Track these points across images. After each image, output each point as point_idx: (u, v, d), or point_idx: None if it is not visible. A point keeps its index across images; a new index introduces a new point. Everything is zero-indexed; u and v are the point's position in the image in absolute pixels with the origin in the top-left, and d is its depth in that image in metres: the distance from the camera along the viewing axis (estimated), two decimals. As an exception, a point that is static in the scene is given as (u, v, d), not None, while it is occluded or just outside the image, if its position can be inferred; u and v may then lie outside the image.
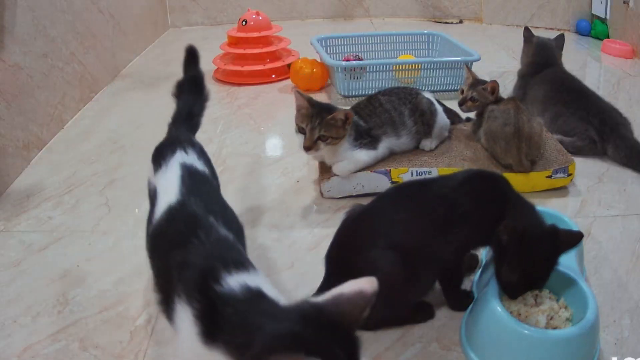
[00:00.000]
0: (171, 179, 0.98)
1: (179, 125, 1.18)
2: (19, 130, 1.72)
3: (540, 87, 1.89)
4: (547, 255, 0.98)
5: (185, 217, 0.89)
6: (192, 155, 1.06)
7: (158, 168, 1.04)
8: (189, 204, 0.92)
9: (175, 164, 1.02)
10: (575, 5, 3.09)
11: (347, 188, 1.50)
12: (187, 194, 0.94)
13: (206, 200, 0.94)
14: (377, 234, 1.02)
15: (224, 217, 0.92)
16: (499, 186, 1.05)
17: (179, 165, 1.01)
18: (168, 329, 1.09)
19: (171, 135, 1.16)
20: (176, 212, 0.91)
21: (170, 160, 1.03)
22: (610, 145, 1.67)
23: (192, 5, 3.41)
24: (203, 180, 1.03)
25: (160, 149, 1.09)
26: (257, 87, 2.38)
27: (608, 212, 1.44)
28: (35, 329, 1.10)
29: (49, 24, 1.93)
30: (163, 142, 1.12)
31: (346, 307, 0.65)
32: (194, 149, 1.09)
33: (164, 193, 0.96)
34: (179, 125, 1.18)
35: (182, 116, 1.20)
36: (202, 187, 1.00)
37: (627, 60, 2.61)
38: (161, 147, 1.10)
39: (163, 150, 1.07)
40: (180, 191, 0.95)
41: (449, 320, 1.09)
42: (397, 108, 1.54)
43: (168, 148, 1.07)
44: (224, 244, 0.86)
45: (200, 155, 1.09)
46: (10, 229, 1.43)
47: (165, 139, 1.14)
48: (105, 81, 2.41)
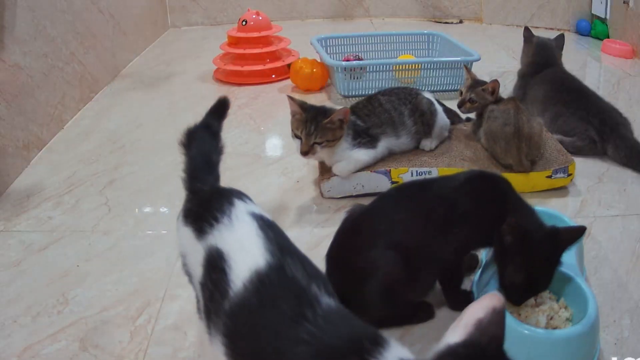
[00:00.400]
0: (245, 234, 0.78)
1: (204, 176, 0.95)
2: (19, 130, 1.72)
3: (540, 87, 1.89)
4: (551, 253, 0.98)
5: (287, 288, 0.71)
6: (252, 204, 0.86)
7: (209, 226, 0.81)
8: (287, 268, 0.72)
9: (243, 215, 0.81)
10: (575, 5, 3.08)
11: (347, 188, 1.50)
12: (280, 254, 0.74)
13: (302, 261, 0.75)
14: (377, 234, 1.02)
15: (322, 278, 0.75)
16: (499, 187, 1.05)
17: (250, 216, 0.81)
18: (168, 329, 1.09)
19: (207, 188, 0.92)
20: (271, 280, 0.71)
21: (232, 212, 0.81)
22: (610, 145, 1.67)
23: (192, 5, 3.41)
24: (283, 234, 0.82)
25: (202, 205, 0.86)
26: (257, 87, 2.38)
27: (608, 212, 1.44)
28: (35, 329, 1.10)
29: (49, 24, 1.93)
30: (200, 198, 0.90)
31: (491, 331, 0.60)
32: (248, 197, 0.89)
33: (239, 254, 0.75)
34: (204, 176, 0.95)
35: (202, 166, 0.97)
36: (289, 243, 0.80)
37: (627, 60, 2.61)
38: (203, 202, 0.87)
39: (210, 205, 0.84)
40: (268, 250, 0.74)
41: (449, 320, 1.09)
42: (396, 108, 1.54)
43: (218, 200, 0.85)
44: (345, 319, 0.69)
45: (253, 202, 0.89)
46: (10, 229, 1.43)
47: (200, 194, 0.91)
48: (105, 81, 2.41)
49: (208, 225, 0.81)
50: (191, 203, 0.90)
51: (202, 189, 0.91)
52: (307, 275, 0.72)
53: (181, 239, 0.87)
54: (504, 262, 0.99)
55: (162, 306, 1.15)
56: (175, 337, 1.08)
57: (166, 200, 1.55)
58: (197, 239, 0.82)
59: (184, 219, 0.87)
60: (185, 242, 0.85)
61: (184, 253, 0.86)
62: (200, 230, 0.81)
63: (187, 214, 0.87)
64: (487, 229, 1.01)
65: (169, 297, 1.17)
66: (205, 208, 0.85)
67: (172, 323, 1.11)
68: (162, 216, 1.49)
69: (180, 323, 1.10)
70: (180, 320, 1.11)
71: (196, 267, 0.81)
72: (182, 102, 2.25)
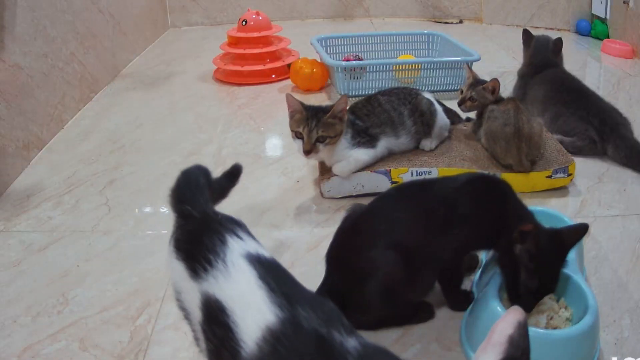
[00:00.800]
0: (246, 287, 0.72)
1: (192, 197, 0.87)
2: (19, 130, 1.72)
3: (540, 87, 1.89)
4: (558, 255, 0.98)
5: (308, 342, 0.65)
6: (247, 239, 0.79)
7: (203, 270, 0.75)
8: (302, 319, 0.66)
9: (239, 260, 0.75)
10: (575, 5, 3.08)
11: (347, 188, 1.50)
12: (290, 304, 0.68)
13: (312, 304, 0.69)
14: (377, 233, 1.02)
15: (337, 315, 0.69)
16: (500, 189, 1.05)
17: (245, 260, 0.75)
18: (168, 329, 1.09)
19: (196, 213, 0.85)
20: (288, 337, 0.65)
21: (227, 255, 0.75)
22: (610, 145, 1.67)
23: (192, 5, 3.41)
24: (284, 273, 0.76)
25: (193, 242, 0.79)
26: (257, 87, 2.38)
27: (608, 212, 1.44)
28: (35, 329, 1.10)
29: (49, 24, 1.93)
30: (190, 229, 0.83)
31: (522, 344, 0.61)
32: (242, 228, 0.82)
33: (244, 310, 0.69)
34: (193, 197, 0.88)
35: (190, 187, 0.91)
36: (293, 286, 0.74)
37: (627, 60, 2.61)
38: (193, 238, 0.80)
39: (202, 243, 0.78)
40: (275, 304, 0.68)
41: (449, 320, 1.09)
42: (396, 108, 1.54)
43: (209, 238, 0.78)
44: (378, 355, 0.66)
45: (249, 234, 0.82)
46: (10, 229, 1.43)
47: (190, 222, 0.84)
48: (105, 81, 2.41)
49: (202, 269, 0.75)
50: (181, 233, 0.84)
51: (191, 214, 0.85)
52: (323, 321, 0.66)
53: (173, 272, 0.81)
54: (515, 270, 0.97)
55: (162, 306, 1.15)
56: (175, 337, 1.08)
57: (166, 200, 1.54)
58: (192, 278, 0.76)
59: (175, 252, 0.81)
60: (178, 277, 0.80)
61: (178, 288, 0.81)
62: (194, 271, 0.76)
63: (178, 247, 0.82)
64: (487, 230, 1.01)
65: (169, 297, 1.16)
66: (196, 246, 0.79)
67: (172, 323, 1.11)
68: (162, 216, 1.48)
69: (180, 323, 1.10)
70: (180, 320, 1.10)
71: (194, 308, 0.76)
72: (182, 102, 2.25)
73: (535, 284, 0.96)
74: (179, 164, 1.73)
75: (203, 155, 1.77)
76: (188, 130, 1.96)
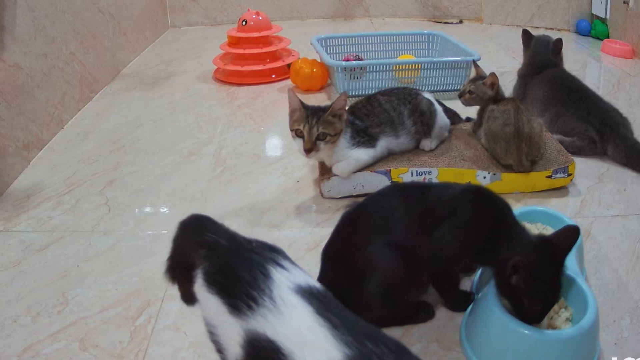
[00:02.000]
0: (303, 325, 0.65)
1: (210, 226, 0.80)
2: (19, 130, 1.72)
3: (540, 87, 1.89)
4: (555, 267, 0.96)
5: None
6: (292, 268, 0.72)
7: (247, 307, 0.68)
8: (373, 356, 0.60)
9: (289, 296, 0.67)
10: (575, 5, 3.09)
11: (347, 188, 1.50)
12: (357, 341, 0.61)
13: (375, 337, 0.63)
14: (374, 230, 1.02)
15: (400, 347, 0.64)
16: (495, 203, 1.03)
17: (298, 296, 0.68)
18: (168, 329, 1.09)
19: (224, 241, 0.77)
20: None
21: (273, 291, 0.68)
22: (610, 145, 1.67)
23: (192, 5, 3.41)
24: (340, 305, 0.70)
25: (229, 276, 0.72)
26: (257, 87, 2.38)
27: (608, 212, 1.44)
28: (35, 329, 1.10)
29: (49, 24, 1.93)
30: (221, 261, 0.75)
31: None
32: (282, 255, 0.75)
33: (305, 350, 0.63)
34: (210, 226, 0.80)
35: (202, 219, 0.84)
36: (354, 317, 0.67)
37: (627, 60, 2.61)
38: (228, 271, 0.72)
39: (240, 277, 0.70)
40: (341, 341, 0.62)
41: (449, 320, 1.09)
42: (396, 108, 1.54)
43: (248, 271, 0.71)
44: None
45: (291, 261, 0.75)
46: (10, 229, 1.43)
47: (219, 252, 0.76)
48: (105, 81, 2.41)
49: (245, 306, 0.68)
50: (210, 265, 0.75)
51: (218, 242, 0.76)
52: (394, 353, 0.60)
53: (206, 307, 0.74)
54: (517, 297, 0.95)
55: (162, 306, 1.15)
56: (175, 337, 1.08)
57: (166, 200, 1.55)
58: (231, 314, 0.69)
59: (207, 286, 0.73)
60: (212, 311, 0.72)
61: (212, 322, 0.73)
62: (235, 308, 0.69)
63: (209, 280, 0.73)
64: (479, 242, 0.99)
65: (169, 297, 1.17)
66: (234, 281, 0.71)
67: (172, 323, 1.11)
68: (162, 216, 1.49)
69: (180, 323, 1.10)
70: (180, 320, 1.11)
71: (233, 345, 0.69)
72: (182, 102, 2.25)
73: (539, 306, 0.95)
74: (179, 164, 1.74)
75: (203, 155, 1.77)
76: (188, 130, 1.96)
